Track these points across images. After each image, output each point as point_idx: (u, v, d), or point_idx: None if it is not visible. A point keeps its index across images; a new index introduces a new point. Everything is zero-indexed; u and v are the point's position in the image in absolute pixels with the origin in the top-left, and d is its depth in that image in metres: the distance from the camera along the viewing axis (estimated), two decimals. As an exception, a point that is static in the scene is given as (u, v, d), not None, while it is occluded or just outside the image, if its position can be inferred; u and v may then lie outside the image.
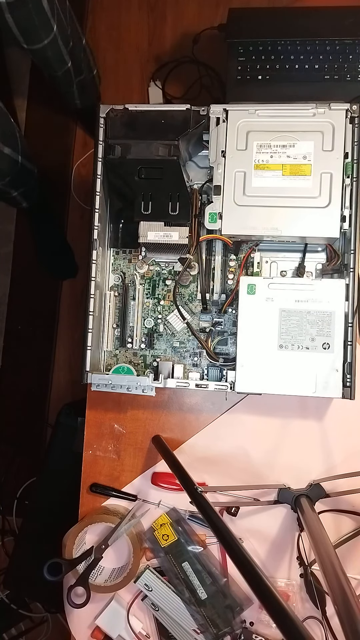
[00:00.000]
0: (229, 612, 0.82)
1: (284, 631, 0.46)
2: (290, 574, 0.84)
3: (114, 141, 0.74)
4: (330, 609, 0.78)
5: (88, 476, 0.91)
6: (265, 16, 0.97)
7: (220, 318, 0.82)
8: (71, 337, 1.63)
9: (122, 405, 0.90)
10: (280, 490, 0.83)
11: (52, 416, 1.58)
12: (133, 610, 0.87)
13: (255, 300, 0.73)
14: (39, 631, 1.52)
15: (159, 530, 0.85)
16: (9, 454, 1.60)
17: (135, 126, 0.75)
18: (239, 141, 0.74)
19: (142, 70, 1.08)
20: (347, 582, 0.56)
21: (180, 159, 0.73)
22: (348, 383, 0.72)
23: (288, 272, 0.81)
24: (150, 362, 0.84)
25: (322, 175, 0.72)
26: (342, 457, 0.84)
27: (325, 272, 0.79)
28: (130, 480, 0.89)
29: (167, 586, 0.84)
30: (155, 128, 0.74)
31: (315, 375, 0.72)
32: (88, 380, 0.77)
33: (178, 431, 0.89)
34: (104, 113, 0.76)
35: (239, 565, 0.55)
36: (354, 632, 0.48)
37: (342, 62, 0.90)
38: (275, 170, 0.73)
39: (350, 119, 0.72)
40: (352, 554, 0.83)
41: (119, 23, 1.16)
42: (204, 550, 0.84)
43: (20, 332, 1.59)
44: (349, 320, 0.73)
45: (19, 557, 1.30)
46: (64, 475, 1.21)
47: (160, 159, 0.72)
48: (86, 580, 0.81)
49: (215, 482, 0.86)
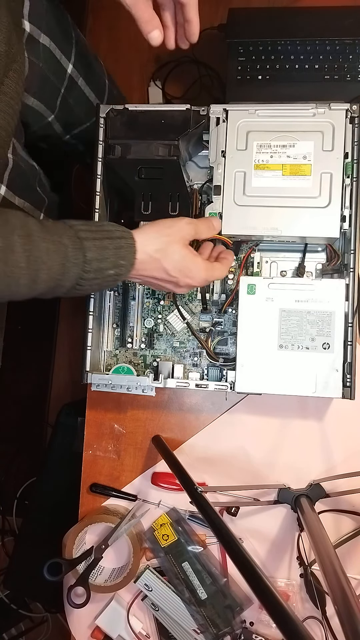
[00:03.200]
0: (229, 612, 0.82)
1: (284, 631, 0.46)
2: (290, 574, 0.84)
3: (114, 141, 0.74)
4: (330, 609, 0.78)
5: (88, 476, 0.91)
6: (265, 16, 0.96)
7: (220, 318, 0.82)
8: (71, 337, 1.63)
9: (122, 405, 0.90)
10: (280, 490, 0.83)
11: (52, 416, 1.58)
12: (133, 610, 0.87)
13: (255, 300, 0.73)
14: (39, 631, 1.52)
15: (159, 530, 0.85)
16: (9, 454, 1.60)
17: (135, 126, 0.75)
18: (239, 141, 0.74)
19: (142, 70, 1.08)
20: (347, 582, 0.56)
21: (180, 159, 0.73)
22: (348, 383, 0.72)
23: (288, 272, 0.81)
24: (150, 362, 0.84)
25: (322, 175, 0.72)
26: (342, 457, 0.84)
27: (325, 272, 0.79)
28: (130, 480, 0.89)
29: (167, 586, 0.84)
30: (155, 128, 0.74)
31: (315, 375, 0.72)
32: (88, 380, 0.77)
33: (178, 431, 0.89)
34: (104, 113, 0.76)
35: (239, 565, 0.55)
36: (354, 632, 0.48)
37: (342, 62, 0.90)
38: (275, 170, 0.73)
39: (350, 119, 0.72)
40: (352, 554, 0.83)
41: (119, 23, 1.16)
42: (204, 550, 0.84)
43: (20, 332, 1.59)
44: (349, 320, 0.73)
45: (19, 557, 1.30)
46: (64, 475, 1.21)
47: (160, 159, 0.72)
48: (86, 580, 0.81)
49: (215, 482, 0.86)
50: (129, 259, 0.61)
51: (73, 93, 0.84)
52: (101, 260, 0.59)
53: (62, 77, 0.81)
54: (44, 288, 0.57)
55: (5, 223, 0.53)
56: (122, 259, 0.61)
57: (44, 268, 0.55)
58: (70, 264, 0.57)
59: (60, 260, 0.56)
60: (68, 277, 0.58)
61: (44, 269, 0.55)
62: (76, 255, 0.57)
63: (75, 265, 0.57)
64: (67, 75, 0.81)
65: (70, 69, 0.81)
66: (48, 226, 0.57)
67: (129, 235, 0.62)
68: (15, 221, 0.54)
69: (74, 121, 0.88)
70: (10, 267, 0.53)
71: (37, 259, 0.54)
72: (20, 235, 0.53)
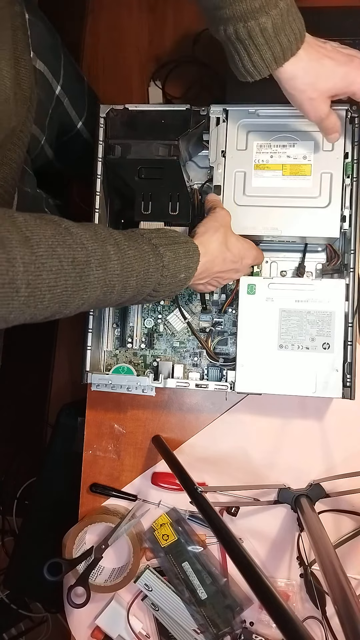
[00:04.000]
0: (229, 612, 0.82)
1: (284, 631, 0.46)
2: (290, 574, 0.84)
3: (114, 141, 0.74)
4: (330, 609, 0.78)
5: (88, 476, 0.91)
6: (265, 16, 0.96)
7: (220, 318, 0.82)
8: (71, 337, 1.63)
9: (122, 405, 0.90)
10: (280, 490, 0.83)
11: (52, 416, 1.58)
12: (133, 610, 0.87)
13: (255, 300, 0.73)
14: (39, 631, 1.52)
15: (159, 530, 0.85)
16: (9, 454, 1.60)
17: (135, 126, 0.75)
18: (239, 141, 0.74)
19: (142, 70, 1.08)
20: (347, 582, 0.56)
21: (180, 159, 0.73)
22: (348, 383, 0.72)
23: (288, 272, 0.81)
24: (150, 362, 0.84)
25: (322, 175, 0.72)
26: (342, 457, 0.84)
27: (326, 271, 0.79)
28: (130, 480, 0.89)
29: (167, 586, 0.84)
30: (155, 128, 0.74)
31: (315, 375, 0.72)
32: (88, 380, 0.77)
33: (178, 431, 0.89)
34: (104, 113, 0.76)
35: (239, 565, 0.55)
36: (354, 632, 0.48)
37: (342, 62, 0.90)
38: (275, 170, 0.73)
39: (350, 119, 0.72)
40: (352, 554, 0.83)
41: (119, 23, 1.16)
42: (204, 550, 0.84)
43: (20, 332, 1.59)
44: (349, 320, 0.73)
45: (19, 557, 1.30)
46: (64, 476, 1.21)
47: (160, 159, 0.72)
48: (86, 580, 0.81)
49: (215, 482, 0.86)
50: (196, 260, 0.64)
51: (58, 111, 0.85)
52: (175, 264, 0.61)
53: (51, 98, 0.82)
54: (130, 295, 0.59)
55: (95, 234, 0.55)
56: (191, 261, 0.63)
57: (134, 275, 0.57)
58: (152, 269, 0.59)
59: (144, 266, 0.58)
60: (149, 282, 0.60)
61: (133, 276, 0.57)
62: (156, 261, 0.59)
63: (156, 271, 0.60)
64: (55, 96, 0.82)
65: (59, 90, 0.82)
66: (128, 235, 0.59)
67: (191, 239, 0.65)
68: (103, 232, 0.56)
69: (54, 137, 0.89)
70: (110, 275, 0.55)
71: (128, 266, 0.57)
72: (111, 244, 0.56)
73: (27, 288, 0.46)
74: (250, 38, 0.57)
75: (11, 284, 0.45)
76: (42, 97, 0.77)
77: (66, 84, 0.83)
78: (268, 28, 0.56)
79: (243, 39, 0.58)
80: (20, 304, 0.47)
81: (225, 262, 0.68)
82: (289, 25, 0.58)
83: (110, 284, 0.55)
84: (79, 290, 0.52)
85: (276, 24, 0.57)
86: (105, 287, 0.55)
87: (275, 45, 0.58)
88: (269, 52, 0.58)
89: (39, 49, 0.73)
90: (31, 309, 0.48)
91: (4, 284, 0.44)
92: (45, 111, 0.81)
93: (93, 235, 0.54)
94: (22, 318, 0.48)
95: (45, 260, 0.48)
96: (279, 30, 0.57)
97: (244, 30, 0.57)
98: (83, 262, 0.52)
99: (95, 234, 0.55)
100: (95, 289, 0.54)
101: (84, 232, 0.54)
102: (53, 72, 0.78)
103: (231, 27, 0.57)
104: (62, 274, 0.50)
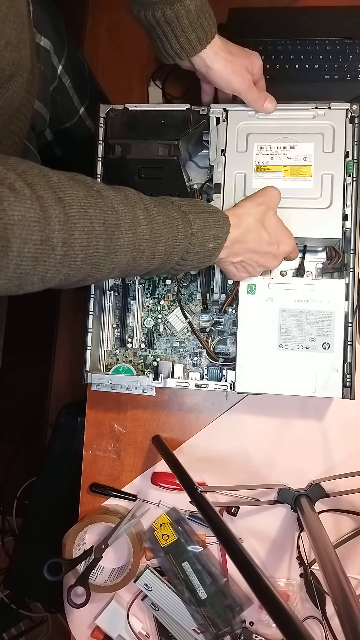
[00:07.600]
0: (229, 612, 0.82)
1: (284, 631, 0.46)
2: (290, 574, 0.84)
3: (114, 141, 0.74)
4: (330, 609, 0.78)
5: (88, 476, 0.91)
6: (265, 16, 0.96)
7: (220, 318, 0.82)
8: (71, 337, 1.63)
9: (122, 405, 0.90)
10: (280, 490, 0.83)
11: (52, 416, 1.58)
12: (133, 610, 0.87)
13: (255, 300, 0.73)
14: (39, 631, 1.52)
15: (159, 530, 0.85)
16: (9, 454, 1.60)
17: (135, 126, 0.75)
18: (239, 143, 0.74)
19: (142, 70, 1.08)
20: (347, 582, 0.56)
21: (180, 159, 0.73)
22: (348, 383, 0.72)
23: (288, 272, 0.81)
24: (150, 362, 0.84)
25: (323, 176, 0.72)
26: (342, 457, 0.84)
27: (326, 270, 0.79)
28: (130, 480, 0.89)
29: (167, 586, 0.84)
30: (155, 128, 0.74)
31: (315, 375, 0.72)
32: (88, 380, 0.77)
33: (178, 431, 0.89)
34: (104, 113, 0.76)
35: (239, 565, 0.55)
36: (354, 632, 0.48)
37: (342, 62, 0.90)
38: (276, 172, 0.73)
39: (350, 118, 0.72)
40: (352, 554, 0.83)
41: (119, 23, 1.16)
42: (204, 550, 0.84)
43: (20, 332, 1.59)
44: (349, 320, 0.73)
45: (19, 557, 1.30)
46: (64, 475, 1.21)
47: (160, 159, 0.72)
48: (86, 580, 0.81)
49: (215, 482, 0.86)
50: (226, 231, 0.63)
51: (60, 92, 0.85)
52: (204, 232, 0.61)
53: (54, 76, 0.81)
54: (158, 263, 0.59)
55: (126, 198, 0.55)
56: (221, 230, 0.63)
57: (162, 241, 0.58)
58: (181, 236, 0.59)
59: (173, 232, 0.59)
60: (177, 250, 0.60)
61: (162, 242, 0.58)
62: (185, 228, 0.60)
63: (185, 238, 0.60)
64: (57, 75, 0.82)
65: (60, 69, 0.82)
66: (158, 201, 0.60)
67: (221, 210, 0.65)
68: (133, 196, 0.57)
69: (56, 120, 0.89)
70: (139, 239, 0.55)
71: (157, 231, 0.57)
72: (141, 209, 0.56)
73: (63, 247, 0.48)
74: (177, 19, 0.64)
75: (48, 242, 0.46)
76: (44, 71, 0.77)
77: (68, 65, 0.83)
78: (192, 10, 0.64)
79: (170, 20, 0.64)
80: (56, 263, 0.48)
81: (260, 241, 0.66)
82: (207, 11, 0.66)
83: (139, 248, 0.56)
84: (110, 253, 0.53)
85: (198, 7, 0.64)
86: (135, 251, 0.55)
87: (198, 28, 0.65)
88: (193, 34, 0.65)
89: (42, 25, 0.73)
90: (65, 268, 0.49)
91: (43, 241, 0.46)
92: (47, 87, 0.81)
93: (124, 199, 0.55)
94: (57, 278, 0.49)
95: (77, 221, 0.49)
96: (200, 13, 0.65)
97: (171, 13, 0.63)
98: (113, 224, 0.53)
99: (126, 198, 0.55)
100: (126, 253, 0.55)
101: (115, 195, 0.54)
102: (55, 49, 0.78)
103: (159, 11, 0.63)
104: (93, 235, 0.51)
